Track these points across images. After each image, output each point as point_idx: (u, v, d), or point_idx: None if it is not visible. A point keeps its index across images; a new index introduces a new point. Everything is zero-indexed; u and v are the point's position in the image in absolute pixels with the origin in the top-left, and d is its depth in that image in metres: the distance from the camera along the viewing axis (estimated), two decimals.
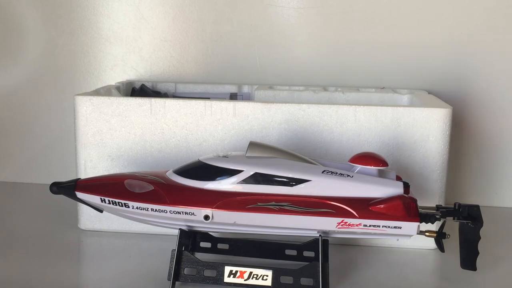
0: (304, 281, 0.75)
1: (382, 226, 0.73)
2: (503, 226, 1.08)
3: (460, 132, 1.13)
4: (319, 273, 0.75)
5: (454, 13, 1.13)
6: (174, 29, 1.18)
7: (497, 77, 1.13)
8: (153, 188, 0.76)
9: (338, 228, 0.73)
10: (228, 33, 1.17)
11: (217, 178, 0.75)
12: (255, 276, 0.75)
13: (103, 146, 0.94)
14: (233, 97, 1.15)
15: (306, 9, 1.15)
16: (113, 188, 0.77)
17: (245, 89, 1.16)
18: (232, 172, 0.75)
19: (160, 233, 0.92)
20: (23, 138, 1.23)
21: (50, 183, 0.79)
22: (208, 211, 0.74)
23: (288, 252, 0.84)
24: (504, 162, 1.16)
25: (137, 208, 0.76)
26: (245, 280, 0.76)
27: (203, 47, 1.18)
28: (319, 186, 0.74)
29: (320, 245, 0.76)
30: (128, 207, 0.76)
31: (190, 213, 0.75)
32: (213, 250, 0.85)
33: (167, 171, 0.79)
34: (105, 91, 1.03)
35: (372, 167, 0.75)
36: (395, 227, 0.72)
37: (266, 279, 0.75)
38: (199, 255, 0.80)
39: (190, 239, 0.83)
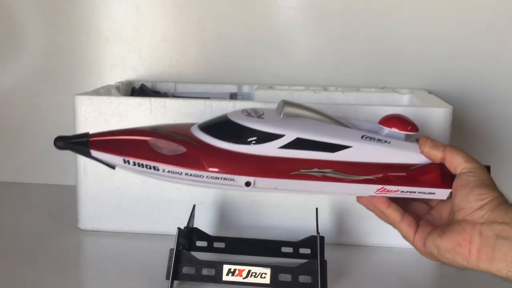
0: (302, 278, 0.75)
1: (418, 192, 0.72)
2: None
3: (460, 132, 1.13)
4: (317, 270, 0.75)
5: (454, 13, 1.13)
6: (174, 29, 1.18)
7: (497, 77, 1.13)
8: (186, 150, 0.69)
9: (376, 193, 0.72)
10: (228, 33, 1.17)
11: (257, 142, 0.70)
12: (253, 274, 0.75)
13: None
14: (233, 97, 1.15)
15: (306, 9, 1.15)
16: (137, 148, 0.69)
17: (245, 89, 1.15)
18: (273, 137, 0.70)
19: (160, 233, 0.92)
20: (23, 138, 1.23)
21: (55, 137, 0.69)
22: (250, 178, 0.70)
23: (284, 249, 0.85)
24: (504, 162, 1.15)
25: (168, 171, 0.70)
26: (243, 278, 0.76)
27: (203, 47, 1.18)
28: (359, 152, 0.71)
29: (318, 243, 0.76)
30: (158, 170, 0.70)
31: (230, 179, 0.70)
32: (209, 248, 0.85)
33: (191, 126, 0.73)
34: (105, 91, 1.03)
35: (401, 131, 0.73)
36: (429, 193, 0.72)
37: (264, 277, 0.75)
38: (195, 254, 0.79)
39: (187, 239, 0.83)
